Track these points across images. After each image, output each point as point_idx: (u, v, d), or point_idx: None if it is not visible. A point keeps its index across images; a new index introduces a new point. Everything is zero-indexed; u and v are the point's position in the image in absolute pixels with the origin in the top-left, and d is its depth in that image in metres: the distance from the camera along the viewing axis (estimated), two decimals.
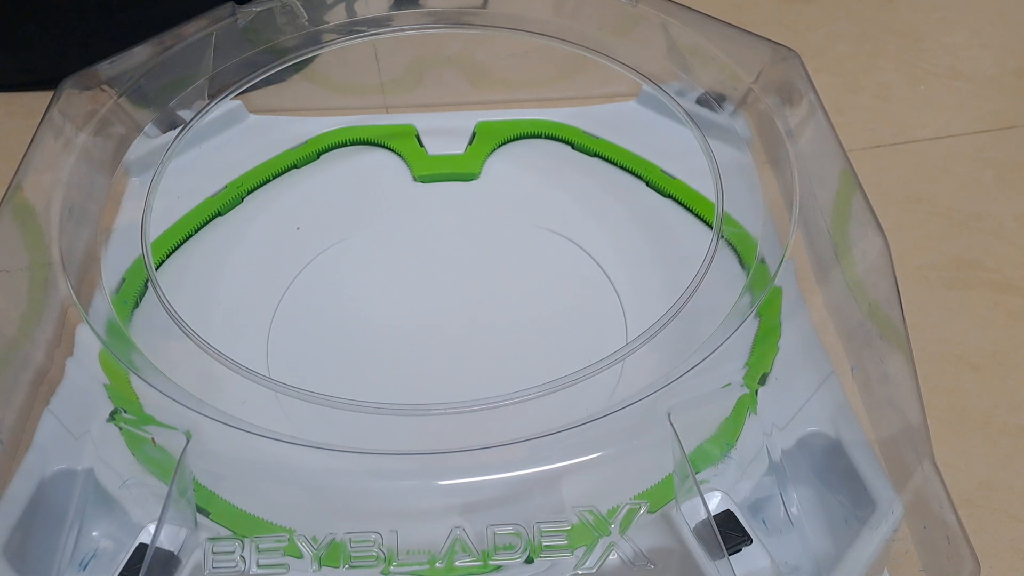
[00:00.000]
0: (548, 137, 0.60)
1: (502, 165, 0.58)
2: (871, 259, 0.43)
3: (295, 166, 0.57)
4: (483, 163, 0.58)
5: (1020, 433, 0.55)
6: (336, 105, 0.69)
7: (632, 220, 0.54)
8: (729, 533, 0.37)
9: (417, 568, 0.36)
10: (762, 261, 0.46)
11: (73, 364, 0.42)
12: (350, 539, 0.36)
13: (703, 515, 0.36)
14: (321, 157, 0.58)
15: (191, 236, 0.53)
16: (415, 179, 0.57)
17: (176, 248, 0.52)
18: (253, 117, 0.60)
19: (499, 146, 0.59)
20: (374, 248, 0.53)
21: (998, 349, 0.60)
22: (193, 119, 0.53)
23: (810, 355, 0.44)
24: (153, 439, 0.39)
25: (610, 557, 0.36)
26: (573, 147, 0.59)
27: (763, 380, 0.42)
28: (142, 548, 0.36)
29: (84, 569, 0.38)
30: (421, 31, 0.57)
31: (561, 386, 0.39)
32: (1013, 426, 0.55)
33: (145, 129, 0.53)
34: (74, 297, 0.43)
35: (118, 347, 0.41)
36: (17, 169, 0.46)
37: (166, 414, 0.39)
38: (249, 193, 0.56)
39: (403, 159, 0.58)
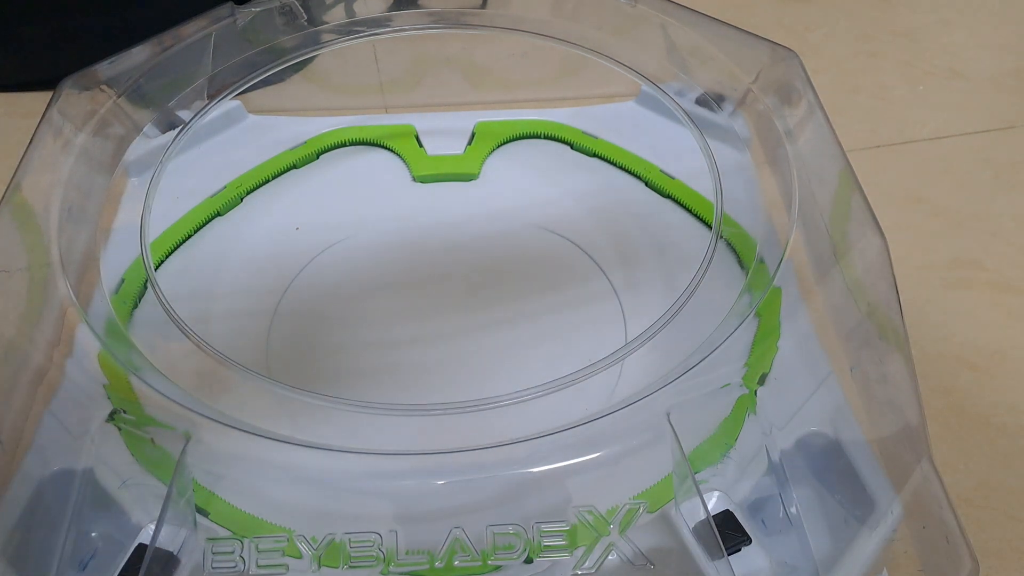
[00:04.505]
0: (547, 137, 0.60)
1: (501, 165, 0.58)
2: (870, 259, 0.43)
3: (294, 166, 0.57)
4: (482, 163, 0.58)
5: (1019, 433, 0.55)
6: (335, 105, 0.69)
7: (631, 220, 0.54)
8: (728, 533, 0.37)
9: (416, 568, 0.36)
10: (761, 261, 0.46)
11: (72, 364, 0.42)
12: (349, 539, 0.36)
13: (702, 515, 0.36)
14: (320, 157, 0.58)
15: (190, 236, 0.53)
16: (414, 179, 0.57)
17: (175, 248, 0.52)
18: (252, 117, 0.60)
19: (498, 146, 0.59)
20: (373, 248, 0.53)
21: (997, 349, 0.60)
22: (192, 119, 0.53)
23: (809, 355, 0.44)
24: (152, 439, 0.39)
25: (609, 557, 0.36)
26: (572, 147, 0.59)
27: (762, 380, 0.42)
28: (141, 548, 0.36)
29: (84, 569, 0.38)
30: (420, 31, 0.57)
31: (560, 386, 0.39)
32: (1012, 426, 0.55)
33: (144, 129, 0.53)
34: (73, 297, 0.43)
35: (117, 347, 0.41)
36: (16, 169, 0.46)
37: (165, 414, 0.39)
38: (248, 193, 0.56)
39: (402, 159, 0.58)
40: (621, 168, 0.57)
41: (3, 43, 0.78)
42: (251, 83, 0.54)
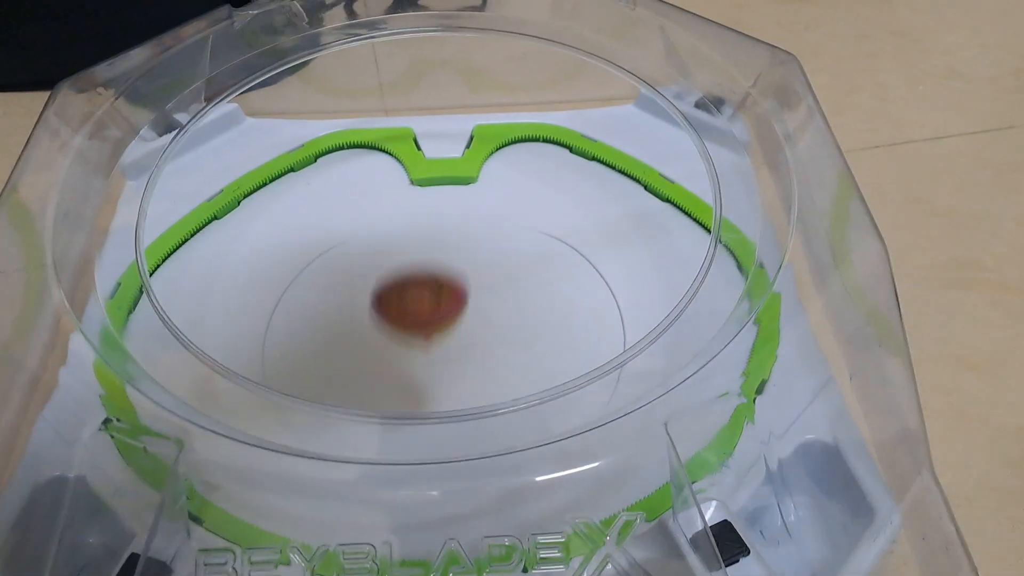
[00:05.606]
0: (546, 140, 0.59)
1: (500, 169, 0.58)
2: (869, 264, 0.43)
3: (292, 169, 0.57)
4: (481, 167, 0.57)
5: (1019, 433, 0.55)
6: (333, 108, 0.69)
7: (630, 224, 0.54)
8: (726, 544, 0.37)
9: None
10: (760, 266, 0.46)
11: (66, 372, 0.42)
12: (343, 550, 0.36)
13: (699, 526, 0.36)
14: (318, 160, 0.58)
15: (187, 240, 0.53)
16: (412, 183, 0.57)
17: (172, 252, 0.52)
18: (250, 120, 0.60)
19: (497, 149, 0.59)
20: (371, 252, 0.53)
21: (997, 349, 0.60)
22: (190, 122, 0.53)
23: (808, 361, 0.44)
24: (145, 448, 0.39)
25: (606, 568, 0.36)
26: (571, 151, 0.59)
27: (761, 387, 0.42)
28: (134, 558, 0.36)
29: None
30: (419, 34, 0.57)
31: (558, 394, 0.39)
32: (1012, 426, 0.55)
33: (141, 132, 0.52)
34: (67, 305, 0.42)
35: (112, 356, 0.41)
36: (13, 170, 0.46)
37: (160, 423, 0.39)
38: (246, 197, 0.55)
39: (400, 163, 0.58)
40: (620, 172, 0.57)
41: (3, 43, 0.78)
42: (249, 85, 0.54)
